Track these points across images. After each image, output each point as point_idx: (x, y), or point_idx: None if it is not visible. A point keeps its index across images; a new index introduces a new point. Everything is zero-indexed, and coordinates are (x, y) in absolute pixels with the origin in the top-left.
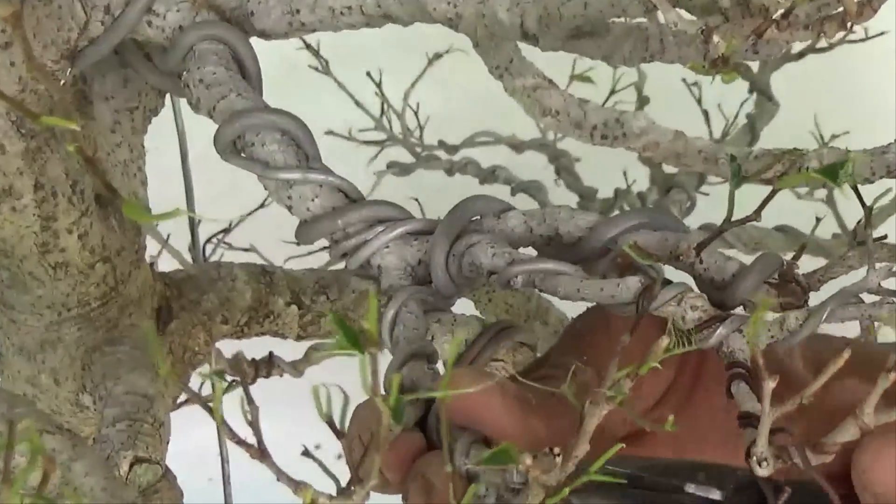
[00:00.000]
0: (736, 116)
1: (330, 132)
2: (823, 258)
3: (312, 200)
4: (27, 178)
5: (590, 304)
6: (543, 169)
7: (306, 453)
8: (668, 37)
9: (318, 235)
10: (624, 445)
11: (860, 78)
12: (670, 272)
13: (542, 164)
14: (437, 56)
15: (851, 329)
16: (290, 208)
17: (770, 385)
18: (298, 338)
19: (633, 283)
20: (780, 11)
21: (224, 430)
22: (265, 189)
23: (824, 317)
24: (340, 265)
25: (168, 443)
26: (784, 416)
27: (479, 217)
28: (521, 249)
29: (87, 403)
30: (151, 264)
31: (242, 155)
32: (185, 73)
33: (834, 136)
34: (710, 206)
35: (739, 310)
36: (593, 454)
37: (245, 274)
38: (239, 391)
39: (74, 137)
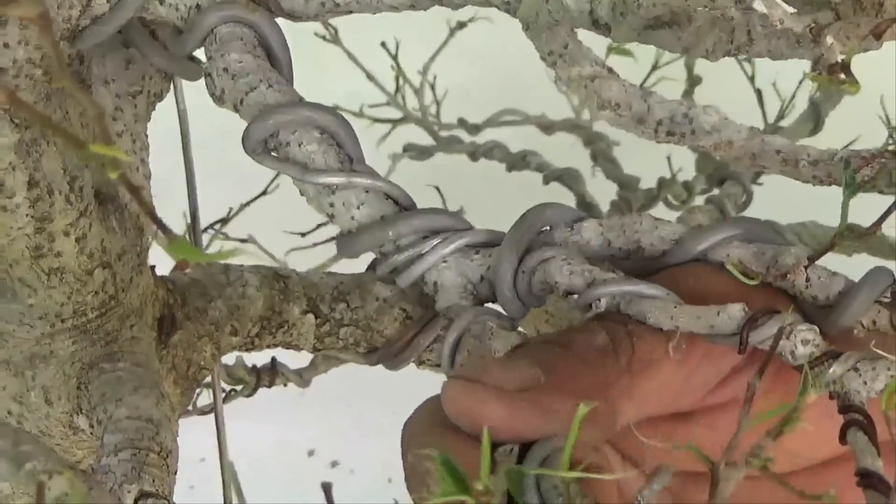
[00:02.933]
0: (792, 97)
1: (336, 107)
2: None
3: (358, 208)
4: (20, 174)
5: None
6: (573, 148)
7: None
8: (756, 27)
9: (364, 248)
10: None
11: None
12: None
13: (572, 142)
14: (461, 25)
15: None
16: (331, 217)
17: None
18: (314, 350)
19: (735, 311)
20: None
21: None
22: (301, 194)
23: None
24: (358, 267)
25: (175, 473)
26: None
27: (548, 228)
28: None
29: (82, 426)
30: (153, 268)
31: (275, 155)
32: (207, 60)
33: None
34: (764, 199)
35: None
36: (650, 435)
37: (257, 279)
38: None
39: (115, 165)
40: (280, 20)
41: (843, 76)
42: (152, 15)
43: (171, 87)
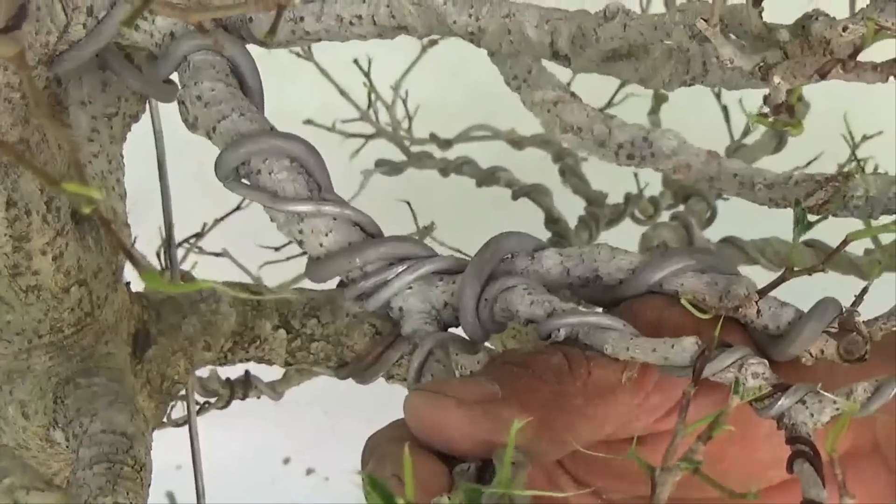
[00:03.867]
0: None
1: (309, 122)
2: (856, 276)
3: (326, 235)
4: None
5: None
6: (543, 161)
7: None
8: (711, 59)
9: (331, 273)
10: None
11: None
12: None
13: (542, 157)
14: (433, 43)
15: None
16: (300, 243)
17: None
18: (286, 364)
19: (689, 345)
20: (847, 47)
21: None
22: (272, 220)
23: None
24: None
25: (149, 486)
26: None
27: (510, 256)
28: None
29: (58, 439)
30: (128, 284)
31: (246, 182)
32: (181, 87)
33: (866, 137)
34: (728, 215)
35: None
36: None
37: (230, 295)
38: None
39: (89, 202)
40: (251, 46)
41: (787, 117)
42: (128, 41)
43: (147, 107)
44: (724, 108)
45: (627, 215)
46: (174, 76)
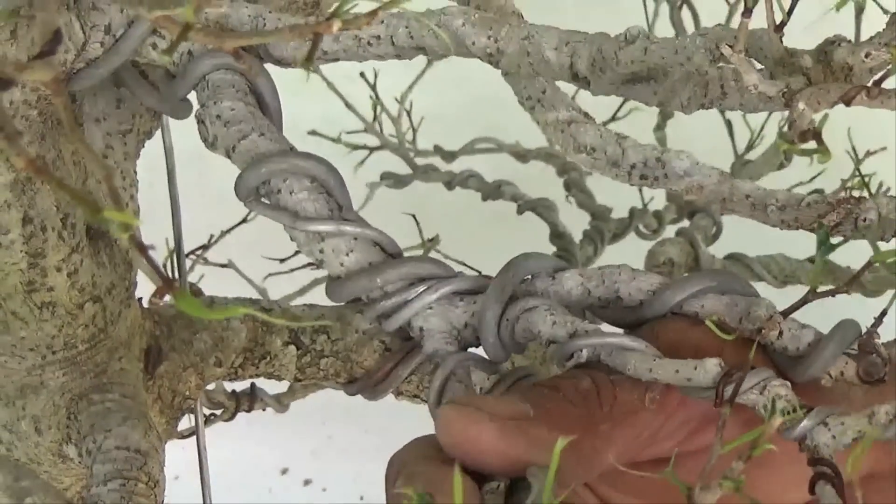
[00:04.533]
0: (762, 128)
1: (313, 132)
2: (862, 294)
3: (347, 255)
4: (15, 212)
5: None
6: (547, 175)
7: None
8: (729, 82)
9: (352, 293)
10: None
11: None
12: None
13: (546, 170)
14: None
15: None
16: (321, 263)
17: None
18: (295, 380)
19: (711, 366)
20: (868, 72)
21: None
22: (292, 240)
23: None
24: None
25: (162, 502)
26: None
27: (531, 277)
28: None
29: (70, 455)
30: (140, 300)
31: (266, 202)
32: (199, 107)
33: (869, 153)
34: (734, 231)
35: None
36: (630, 478)
37: (240, 312)
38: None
39: (126, 228)
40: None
41: (814, 143)
42: (145, 59)
43: (160, 123)
44: (728, 123)
45: (632, 230)
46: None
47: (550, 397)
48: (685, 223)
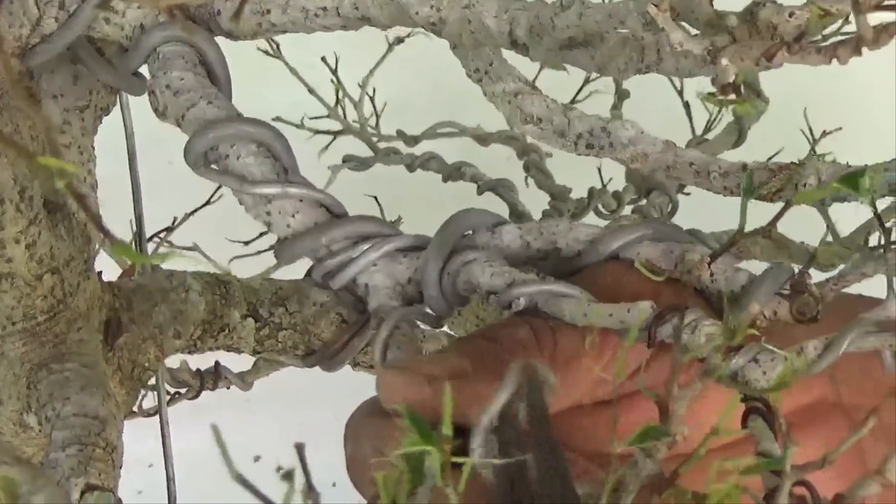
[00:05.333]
0: (720, 110)
1: (278, 118)
2: (815, 269)
3: (293, 216)
4: None
5: None
6: (509, 160)
7: None
8: (665, 47)
9: (299, 254)
10: None
11: (855, 70)
12: None
13: (509, 155)
14: (399, 40)
15: None
16: (268, 225)
17: (792, 451)
18: (254, 352)
19: (644, 308)
20: (794, 32)
21: None
22: (241, 204)
23: (844, 347)
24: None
25: (121, 468)
26: None
27: (472, 232)
28: None
29: (31, 424)
30: (100, 273)
31: (215, 167)
32: (151, 78)
33: (825, 133)
34: (691, 209)
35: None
36: (575, 422)
37: (199, 284)
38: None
39: (63, 175)
40: (220, 39)
41: (734, 96)
42: (99, 33)
43: (118, 101)
44: (687, 105)
45: (591, 209)
46: (144, 70)
47: (488, 350)
48: (642, 204)
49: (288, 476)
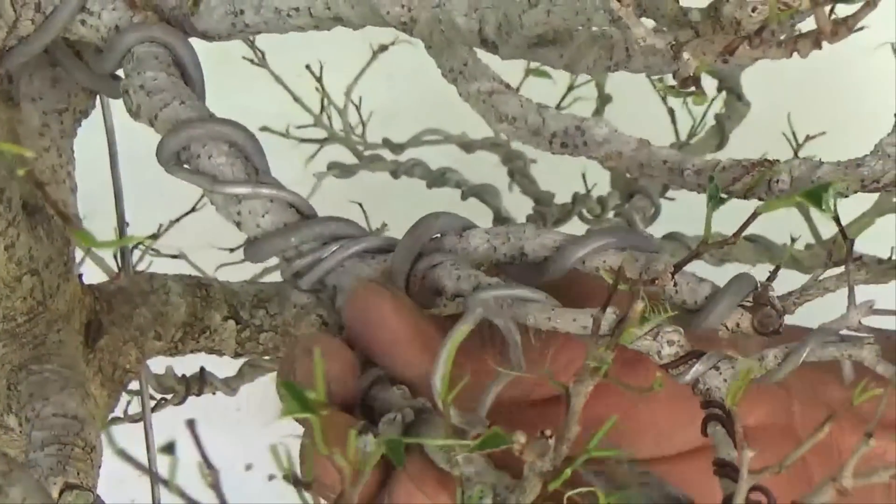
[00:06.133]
0: (704, 115)
1: (265, 128)
2: (797, 271)
3: (263, 216)
4: None
5: None
6: (496, 167)
7: None
8: (633, 45)
9: (268, 253)
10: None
11: (837, 73)
12: None
13: (495, 162)
14: (383, 48)
15: None
16: (238, 224)
17: (748, 455)
18: (236, 355)
19: (608, 314)
20: (755, 27)
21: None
22: (212, 203)
23: (803, 356)
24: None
25: (100, 467)
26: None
27: (439, 235)
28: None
29: (12, 425)
30: (80, 276)
31: (187, 167)
32: (124, 78)
33: (809, 137)
34: (675, 213)
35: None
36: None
37: (179, 286)
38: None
39: (24, 162)
40: (196, 42)
41: (693, 88)
42: (75, 35)
43: (101, 105)
44: (671, 110)
45: (575, 214)
46: (122, 73)
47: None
48: (624, 208)
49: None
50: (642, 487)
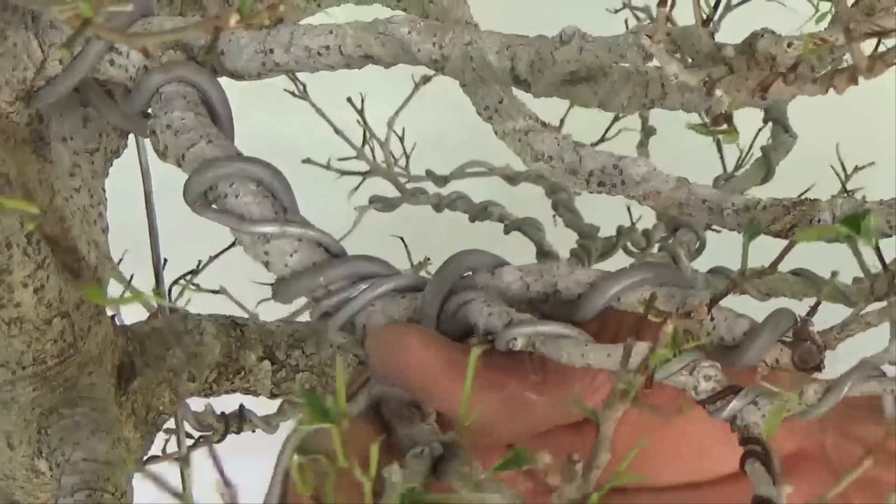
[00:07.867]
0: (750, 147)
1: (308, 160)
2: (844, 305)
3: (291, 256)
4: None
5: None
6: (540, 199)
7: None
8: (669, 81)
9: (297, 293)
10: None
11: (885, 103)
12: None
13: (539, 194)
14: (425, 80)
15: None
16: (266, 264)
17: (787, 489)
18: (272, 395)
19: (641, 349)
20: (791, 62)
21: None
22: (239, 243)
23: (845, 391)
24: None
25: None
26: None
27: (471, 272)
28: None
29: (42, 469)
30: (113, 317)
31: (214, 207)
32: (151, 118)
33: (857, 168)
34: (720, 246)
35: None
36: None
37: (214, 327)
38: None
39: (34, 218)
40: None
41: (725, 126)
42: (104, 75)
43: (135, 144)
44: (718, 142)
45: (619, 248)
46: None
47: (484, 365)
48: (669, 241)
49: None
50: None
